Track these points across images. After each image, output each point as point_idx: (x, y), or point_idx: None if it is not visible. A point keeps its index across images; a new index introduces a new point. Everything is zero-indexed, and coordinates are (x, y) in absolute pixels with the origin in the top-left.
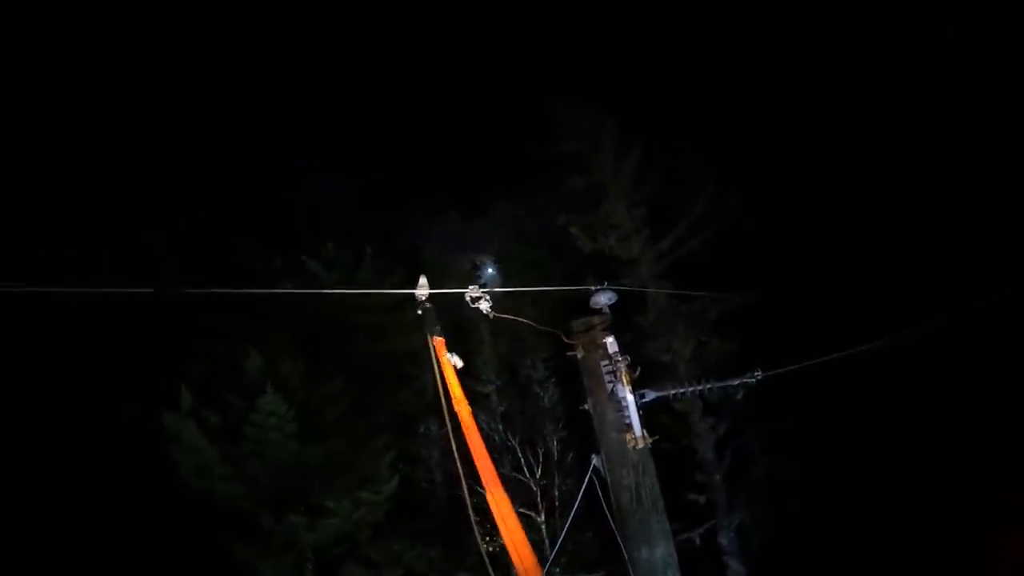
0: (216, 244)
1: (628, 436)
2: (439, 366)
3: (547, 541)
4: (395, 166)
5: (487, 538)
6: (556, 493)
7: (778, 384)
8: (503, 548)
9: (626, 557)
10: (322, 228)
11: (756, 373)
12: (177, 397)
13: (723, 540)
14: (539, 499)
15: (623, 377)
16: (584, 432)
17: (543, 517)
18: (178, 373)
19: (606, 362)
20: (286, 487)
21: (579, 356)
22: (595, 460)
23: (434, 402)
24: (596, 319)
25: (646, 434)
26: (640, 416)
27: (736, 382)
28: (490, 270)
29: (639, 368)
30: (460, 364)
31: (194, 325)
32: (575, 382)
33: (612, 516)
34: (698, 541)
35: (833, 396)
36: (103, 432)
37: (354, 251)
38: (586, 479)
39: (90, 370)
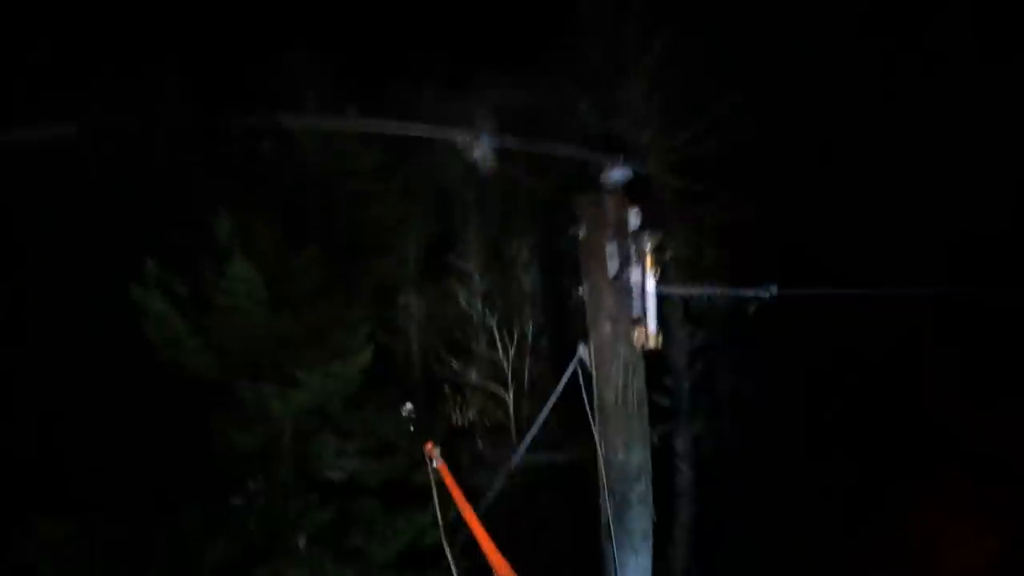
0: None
1: (637, 331)
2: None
3: (513, 419)
4: (379, 35)
5: (459, 410)
6: (527, 375)
7: (767, 311)
8: (472, 421)
9: (600, 456)
10: (299, 96)
11: (772, 288)
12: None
13: (678, 445)
14: (510, 379)
15: (647, 261)
16: (561, 319)
17: (511, 396)
18: (148, 243)
19: (612, 245)
20: (259, 358)
21: (580, 234)
22: (581, 350)
23: (414, 274)
24: (608, 194)
25: (659, 332)
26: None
27: (751, 294)
28: (487, 144)
29: (668, 252)
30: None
31: (165, 190)
32: (557, 269)
33: (591, 411)
34: (656, 441)
35: (812, 338)
36: (71, 306)
37: (336, 112)
38: (569, 368)
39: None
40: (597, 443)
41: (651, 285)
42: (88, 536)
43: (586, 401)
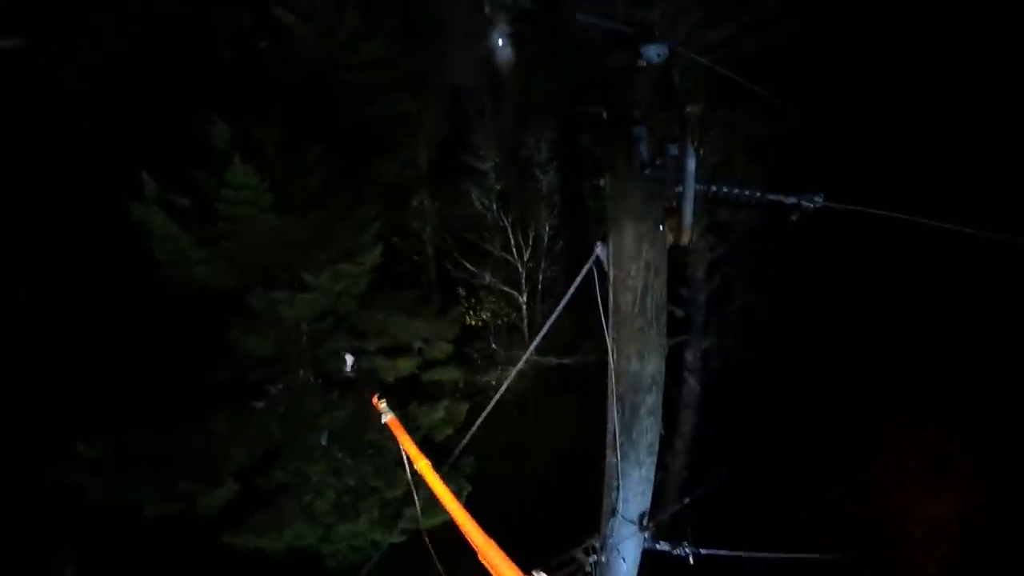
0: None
1: (670, 223)
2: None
3: (526, 320)
4: None
5: (473, 311)
6: (540, 277)
7: (788, 232)
8: (485, 322)
9: (612, 364)
10: None
11: (817, 198)
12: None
13: (688, 356)
14: (523, 280)
15: (688, 137)
16: (579, 221)
17: (524, 298)
18: (144, 159)
19: (642, 127)
20: (267, 263)
21: (605, 114)
22: (599, 250)
23: (427, 174)
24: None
25: (694, 226)
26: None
27: (795, 200)
28: (500, 41)
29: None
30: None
31: (159, 99)
32: (577, 169)
33: (605, 317)
34: (665, 351)
35: (830, 265)
36: (73, 231)
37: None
38: (585, 268)
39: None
40: (610, 350)
41: (691, 165)
42: (125, 453)
43: (601, 305)
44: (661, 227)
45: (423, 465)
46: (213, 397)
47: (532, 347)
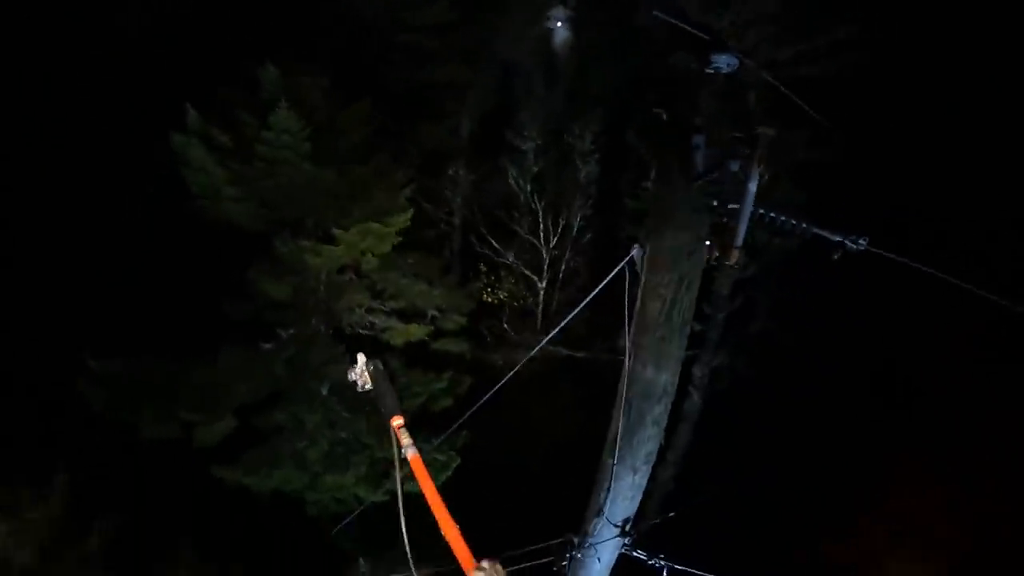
0: None
1: (718, 240)
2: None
3: (541, 306)
4: None
5: (489, 289)
6: (563, 266)
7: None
8: (501, 301)
9: (626, 367)
10: None
11: (862, 240)
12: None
13: (696, 371)
14: (545, 266)
15: (756, 158)
16: (613, 218)
17: (544, 284)
18: (193, 93)
19: (701, 136)
20: (297, 211)
21: (664, 116)
22: (636, 252)
23: (466, 144)
24: (704, 81)
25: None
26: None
27: (840, 239)
28: (560, 23)
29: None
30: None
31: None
32: (617, 165)
33: (629, 318)
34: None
35: (853, 305)
36: (114, 152)
37: None
38: (618, 266)
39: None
40: (627, 353)
41: (753, 187)
42: (132, 373)
43: (627, 307)
44: (708, 243)
45: (441, 515)
46: (224, 332)
47: (553, 333)
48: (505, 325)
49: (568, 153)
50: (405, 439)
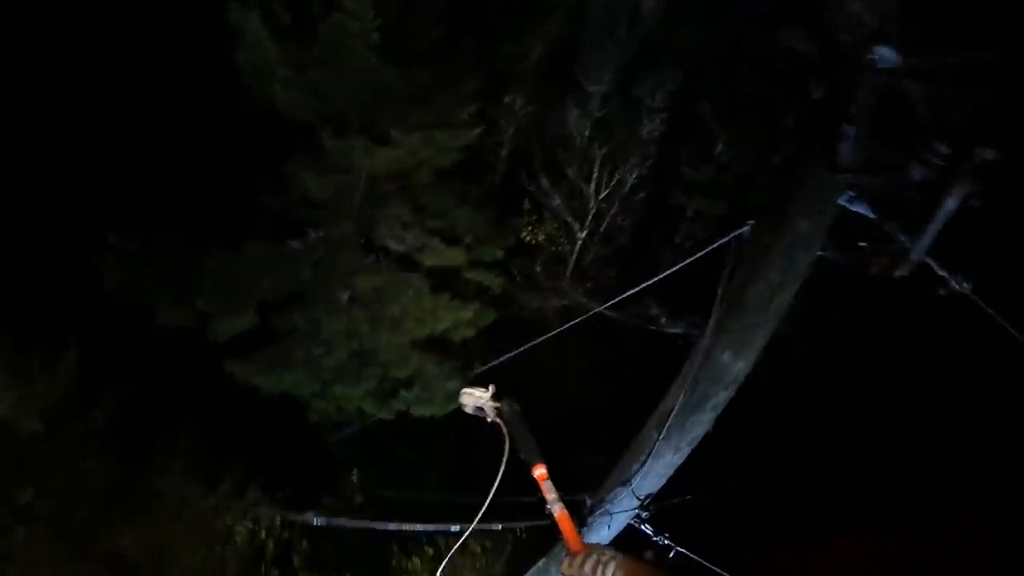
0: None
1: (876, 255)
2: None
3: (574, 256)
4: None
5: (531, 227)
6: (606, 222)
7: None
8: (538, 244)
9: (702, 345)
10: None
11: (966, 284)
12: None
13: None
14: (589, 218)
15: (966, 179)
16: (664, 182)
17: (584, 235)
18: None
19: (851, 127)
20: (353, 105)
21: (816, 94)
22: (747, 229)
23: (530, 72)
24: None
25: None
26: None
27: (944, 275)
28: None
29: None
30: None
31: None
32: (682, 132)
33: (721, 296)
34: None
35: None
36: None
37: None
38: (727, 238)
39: None
40: (708, 331)
41: (951, 204)
42: (152, 253)
43: (722, 285)
44: (866, 246)
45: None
46: (251, 225)
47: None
48: (538, 268)
49: (635, 106)
50: (551, 493)
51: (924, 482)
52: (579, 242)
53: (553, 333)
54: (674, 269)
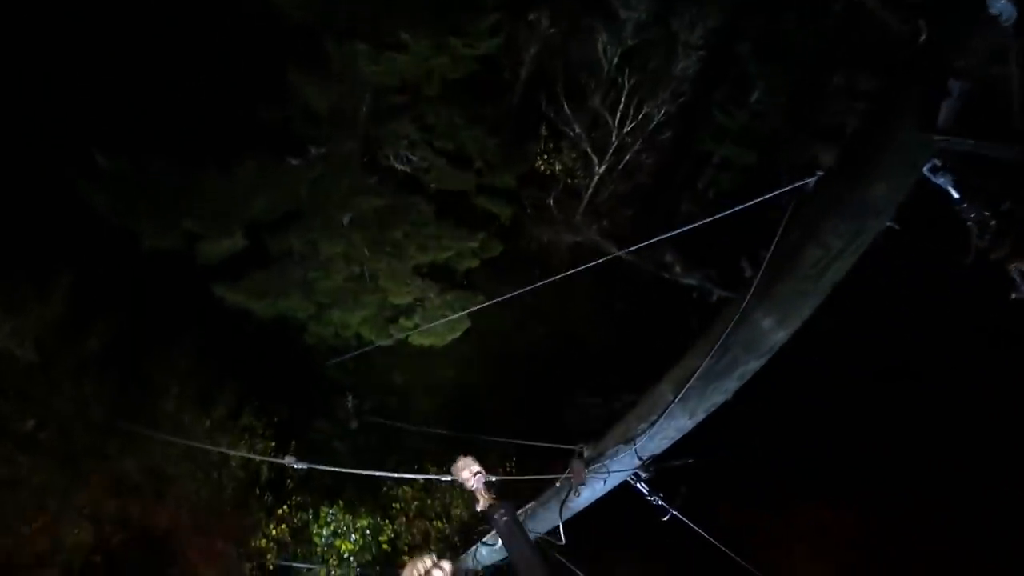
0: None
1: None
2: None
3: (590, 191)
4: None
5: (546, 156)
6: (627, 158)
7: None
8: (554, 174)
9: (740, 308)
10: None
11: None
12: None
13: None
14: (610, 152)
15: None
16: (692, 124)
17: (602, 169)
18: None
19: (957, 80)
20: (359, 8)
21: (923, 36)
22: (812, 181)
23: None
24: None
25: None
26: None
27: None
28: None
29: None
30: None
31: None
32: (716, 73)
33: (770, 254)
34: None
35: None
36: None
37: None
38: (786, 188)
39: None
40: (749, 294)
41: None
42: (141, 173)
43: (775, 242)
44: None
45: None
46: (248, 138)
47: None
48: (551, 200)
49: (671, 40)
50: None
51: (882, 454)
52: (597, 176)
53: (561, 275)
54: (708, 221)
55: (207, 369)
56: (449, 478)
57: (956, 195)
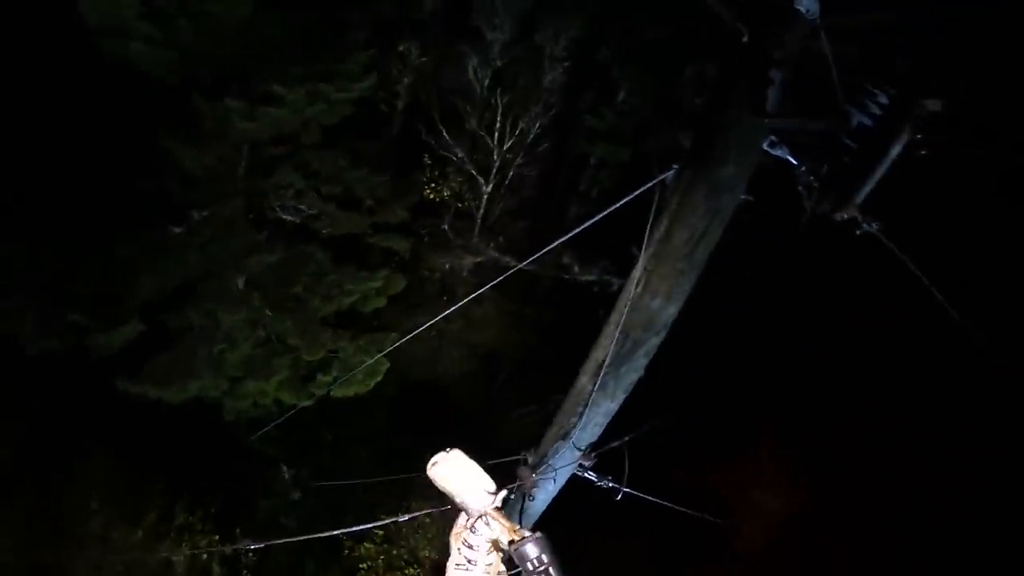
0: None
1: (839, 199)
2: None
3: (482, 211)
4: None
5: (434, 184)
6: (511, 173)
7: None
8: (443, 200)
9: (630, 292)
10: None
11: (875, 224)
12: None
13: None
14: (494, 171)
15: (905, 122)
16: (565, 132)
17: (489, 188)
18: None
19: (778, 69)
20: (227, 63)
21: (745, 36)
22: (671, 173)
23: (427, 20)
24: None
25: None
26: None
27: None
28: None
29: None
30: None
31: None
32: (582, 80)
33: (648, 241)
34: None
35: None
36: None
37: None
38: (648, 185)
39: None
40: (635, 279)
41: (895, 150)
42: (6, 267)
43: (648, 230)
44: (815, 188)
45: None
46: (125, 212)
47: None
48: (446, 226)
49: (537, 54)
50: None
51: (829, 404)
52: (485, 196)
53: (468, 298)
54: (594, 220)
55: (126, 473)
56: (405, 517)
57: (795, 162)
